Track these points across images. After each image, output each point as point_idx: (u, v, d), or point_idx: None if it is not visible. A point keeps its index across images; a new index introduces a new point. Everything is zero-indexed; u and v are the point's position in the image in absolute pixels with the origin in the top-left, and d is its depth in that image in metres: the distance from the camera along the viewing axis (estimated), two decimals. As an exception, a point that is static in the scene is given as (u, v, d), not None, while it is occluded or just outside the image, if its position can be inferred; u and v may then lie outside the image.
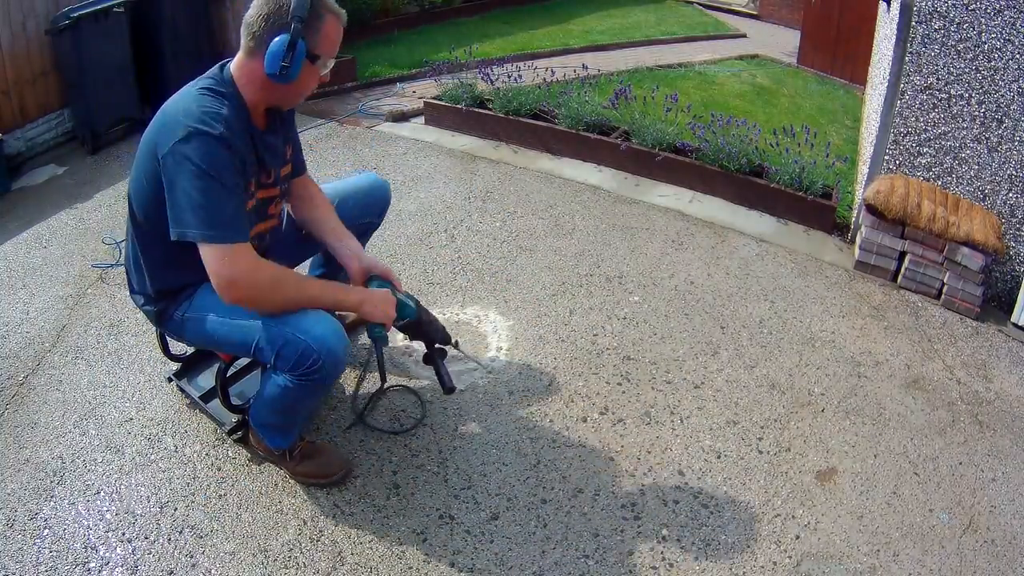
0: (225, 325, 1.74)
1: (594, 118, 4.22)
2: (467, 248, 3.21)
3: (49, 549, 1.77)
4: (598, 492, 2.01)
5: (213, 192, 1.54)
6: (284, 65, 1.59)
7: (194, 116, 1.55)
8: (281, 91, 1.68)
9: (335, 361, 1.65)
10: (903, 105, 3.17)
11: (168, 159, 1.54)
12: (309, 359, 1.62)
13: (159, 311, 1.84)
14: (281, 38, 1.58)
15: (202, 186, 1.53)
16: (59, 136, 4.32)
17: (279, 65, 1.59)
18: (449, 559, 1.79)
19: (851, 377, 2.56)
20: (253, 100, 1.69)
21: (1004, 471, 2.21)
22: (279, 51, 1.58)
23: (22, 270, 3.01)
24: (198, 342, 1.90)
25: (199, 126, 1.53)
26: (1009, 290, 3.13)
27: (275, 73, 1.60)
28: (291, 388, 1.69)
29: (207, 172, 1.53)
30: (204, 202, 1.53)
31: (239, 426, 2.08)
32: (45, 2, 4.05)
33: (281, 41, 1.58)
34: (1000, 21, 2.87)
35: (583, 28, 8.49)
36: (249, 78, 1.66)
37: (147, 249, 1.77)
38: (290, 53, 1.59)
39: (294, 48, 1.59)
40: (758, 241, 3.44)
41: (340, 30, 1.70)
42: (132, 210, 1.75)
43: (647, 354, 2.59)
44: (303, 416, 1.90)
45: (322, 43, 1.66)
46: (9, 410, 2.22)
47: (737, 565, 1.83)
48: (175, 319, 1.83)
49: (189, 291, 1.80)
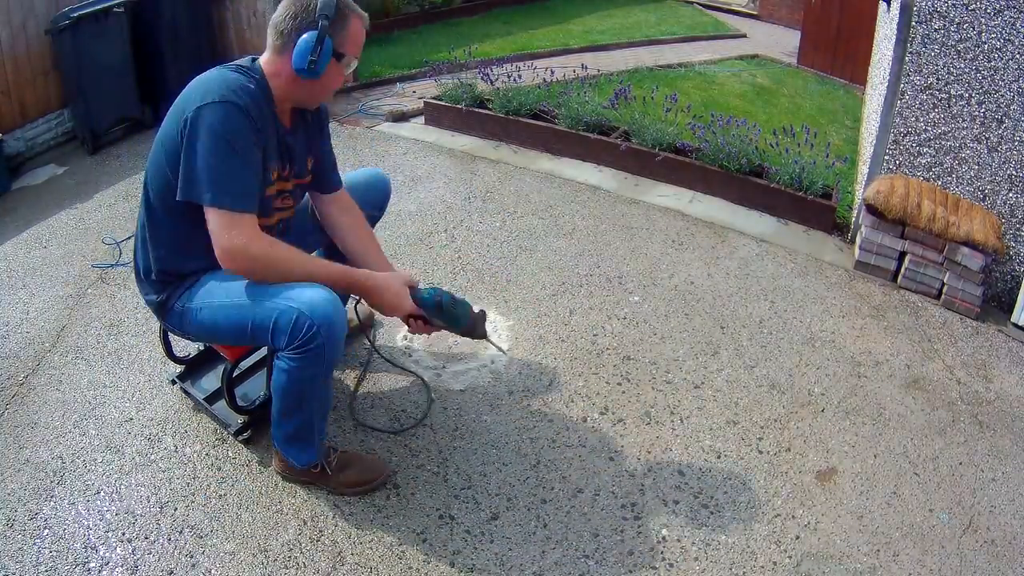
0: (222, 310, 1.72)
1: (594, 118, 4.22)
2: (467, 248, 3.21)
3: (49, 549, 1.77)
4: (598, 492, 2.01)
5: (229, 159, 1.57)
6: (312, 60, 1.65)
7: (222, 86, 1.60)
8: (307, 87, 1.73)
9: (330, 324, 1.61)
10: (903, 105, 3.17)
11: (189, 123, 1.57)
12: (303, 327, 1.59)
13: (161, 302, 1.82)
14: (309, 35, 1.64)
15: (219, 151, 1.56)
16: (59, 136, 4.32)
17: (307, 60, 1.65)
18: (449, 559, 1.79)
19: (851, 377, 2.56)
20: (280, 95, 1.73)
21: (1004, 471, 2.21)
22: (307, 47, 1.64)
23: (22, 270, 3.01)
24: (199, 334, 1.87)
25: (225, 94, 1.58)
26: (1009, 290, 3.13)
27: (303, 68, 1.65)
28: (294, 368, 1.66)
29: (226, 138, 1.57)
30: (218, 167, 1.56)
31: (245, 427, 2.07)
32: (45, 2, 4.06)
33: (309, 37, 1.64)
34: (1000, 21, 2.87)
35: (583, 28, 8.49)
36: (277, 73, 1.71)
37: (157, 230, 1.76)
38: (318, 48, 1.64)
39: (321, 44, 1.65)
40: (758, 241, 3.44)
41: (364, 31, 1.76)
42: (147, 192, 1.75)
43: (647, 354, 2.59)
44: (317, 413, 1.82)
45: (347, 42, 1.72)
46: (9, 410, 2.22)
47: (737, 565, 1.83)
48: (176, 310, 1.81)
49: (191, 281, 1.79)
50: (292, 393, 1.73)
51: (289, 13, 1.67)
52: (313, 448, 1.87)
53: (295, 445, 1.87)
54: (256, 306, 1.66)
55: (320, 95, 1.80)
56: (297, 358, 1.64)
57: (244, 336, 1.72)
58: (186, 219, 1.67)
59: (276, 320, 1.62)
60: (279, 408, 1.79)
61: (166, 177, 1.67)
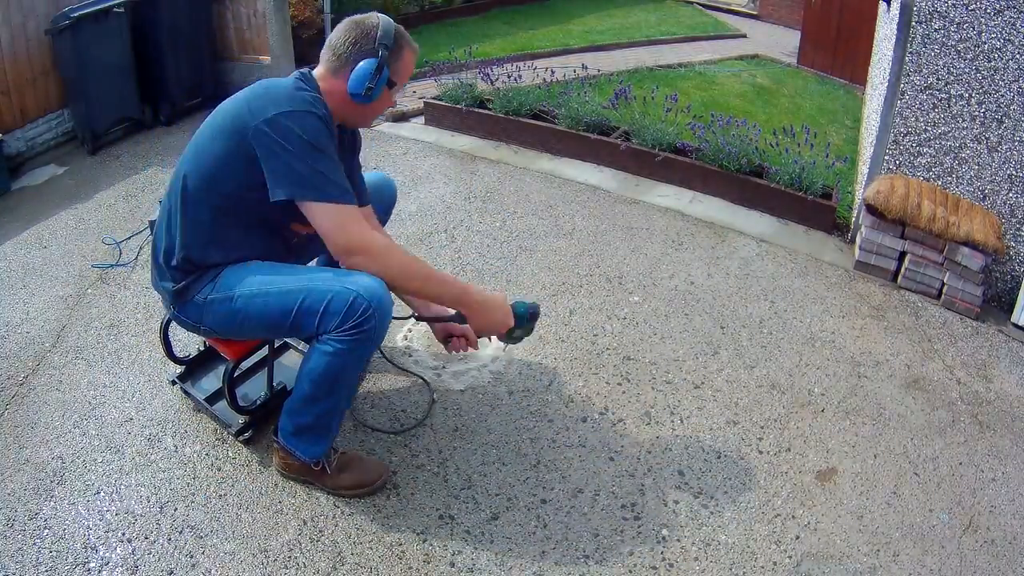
0: (259, 298, 1.72)
1: (594, 118, 4.22)
2: (467, 248, 3.21)
3: (49, 549, 1.77)
4: (598, 492, 2.01)
5: (325, 159, 1.64)
6: (369, 87, 1.72)
7: (297, 99, 1.66)
8: (358, 110, 1.80)
9: (384, 312, 1.66)
10: (903, 105, 3.17)
11: (269, 129, 1.61)
12: (359, 308, 1.63)
13: (178, 291, 1.79)
14: (368, 62, 1.72)
15: (314, 154, 1.63)
16: (59, 136, 4.31)
17: (365, 86, 1.72)
18: (449, 559, 1.79)
19: (851, 377, 2.56)
20: (331, 112, 1.77)
21: (1004, 471, 2.21)
22: (366, 74, 1.71)
23: (22, 270, 3.01)
24: (220, 327, 1.83)
25: (304, 106, 1.65)
26: (1009, 290, 3.14)
27: (359, 93, 1.72)
28: (341, 350, 1.67)
29: (316, 142, 1.63)
30: (316, 166, 1.62)
31: (246, 427, 2.07)
32: (45, 2, 4.05)
33: (368, 65, 1.71)
34: (1000, 21, 2.87)
35: (583, 28, 8.49)
36: (331, 92, 1.76)
37: (193, 220, 1.76)
38: (376, 76, 1.72)
39: (380, 73, 1.73)
40: (758, 241, 3.44)
41: (414, 62, 1.85)
42: (185, 184, 1.75)
43: (647, 354, 2.59)
44: (344, 400, 1.82)
45: (400, 72, 1.80)
46: (9, 410, 2.22)
47: (737, 565, 1.83)
48: (195, 302, 1.79)
49: (213, 273, 1.78)
50: (327, 378, 1.72)
51: (350, 38, 1.73)
52: (326, 441, 1.87)
53: (308, 436, 1.85)
54: (305, 291, 1.68)
55: (368, 118, 1.87)
56: (347, 339, 1.66)
57: (283, 324, 1.72)
58: (226, 214, 1.73)
59: (330, 301, 1.64)
60: (304, 395, 1.77)
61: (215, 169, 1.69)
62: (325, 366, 1.70)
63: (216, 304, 1.77)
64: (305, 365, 1.75)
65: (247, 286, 1.74)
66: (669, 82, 6.10)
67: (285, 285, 1.71)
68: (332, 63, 1.75)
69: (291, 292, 1.70)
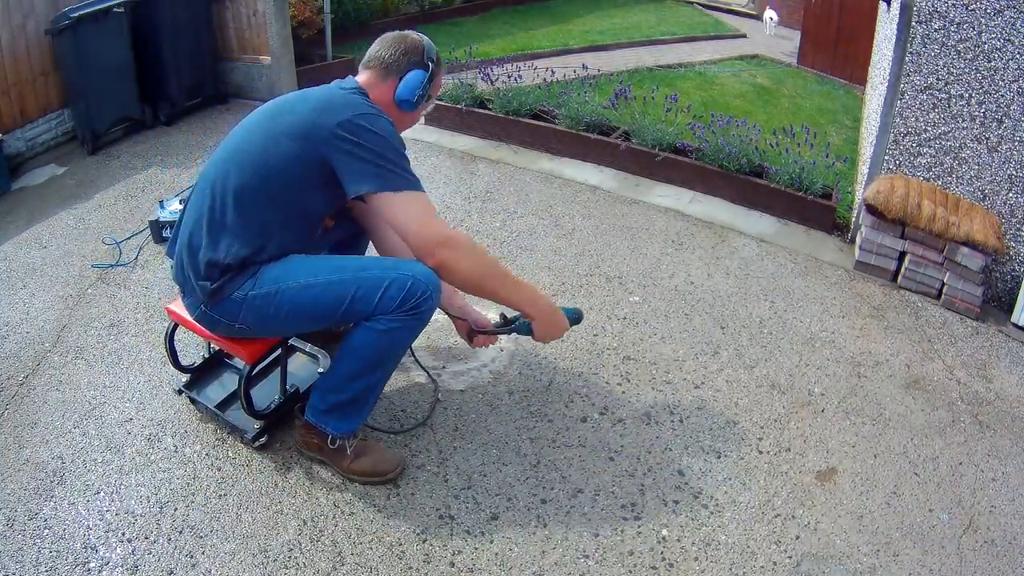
0: (310, 289, 1.75)
1: (594, 118, 4.22)
2: (467, 248, 3.21)
3: (49, 549, 1.77)
4: (598, 492, 2.01)
5: (402, 156, 1.75)
6: (420, 95, 1.84)
7: (362, 104, 1.75)
8: (399, 117, 1.87)
9: (439, 293, 1.78)
10: (903, 105, 3.17)
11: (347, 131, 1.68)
12: (417, 291, 1.72)
13: (216, 288, 1.77)
14: (420, 72, 1.84)
15: (395, 149, 1.73)
16: (59, 136, 4.32)
17: (416, 94, 1.84)
18: (449, 559, 1.79)
19: (851, 377, 2.56)
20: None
21: (1004, 471, 2.21)
22: (417, 82, 1.84)
23: (22, 270, 3.01)
24: (257, 322, 1.81)
25: (373, 110, 1.75)
26: (1009, 290, 3.13)
27: (408, 100, 1.84)
28: (396, 327, 1.75)
29: (391, 140, 1.73)
30: (400, 162, 1.73)
31: (262, 432, 2.05)
32: (45, 2, 4.06)
33: (420, 75, 1.84)
34: (1000, 21, 2.87)
35: (583, 28, 8.50)
36: (379, 99, 1.83)
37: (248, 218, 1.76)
38: (426, 86, 1.85)
39: (430, 83, 1.86)
40: (758, 241, 3.44)
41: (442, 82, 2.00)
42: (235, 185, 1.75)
43: (647, 354, 2.59)
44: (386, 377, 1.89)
45: (436, 87, 1.94)
46: (9, 410, 2.22)
47: (737, 565, 1.83)
48: (233, 299, 1.78)
49: (253, 269, 1.78)
50: (377, 352, 1.79)
51: (400, 49, 1.84)
52: (361, 417, 1.92)
53: (342, 412, 1.89)
54: (360, 279, 1.75)
55: (404, 127, 1.92)
56: (403, 319, 1.74)
57: (335, 311, 1.76)
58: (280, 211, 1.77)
59: (388, 286, 1.72)
60: (348, 371, 1.82)
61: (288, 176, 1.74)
62: (376, 341, 1.77)
63: (258, 299, 1.77)
64: (351, 343, 1.80)
65: (294, 278, 1.77)
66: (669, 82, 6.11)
67: (337, 276, 1.77)
68: (380, 69, 1.84)
69: (343, 283, 1.76)
